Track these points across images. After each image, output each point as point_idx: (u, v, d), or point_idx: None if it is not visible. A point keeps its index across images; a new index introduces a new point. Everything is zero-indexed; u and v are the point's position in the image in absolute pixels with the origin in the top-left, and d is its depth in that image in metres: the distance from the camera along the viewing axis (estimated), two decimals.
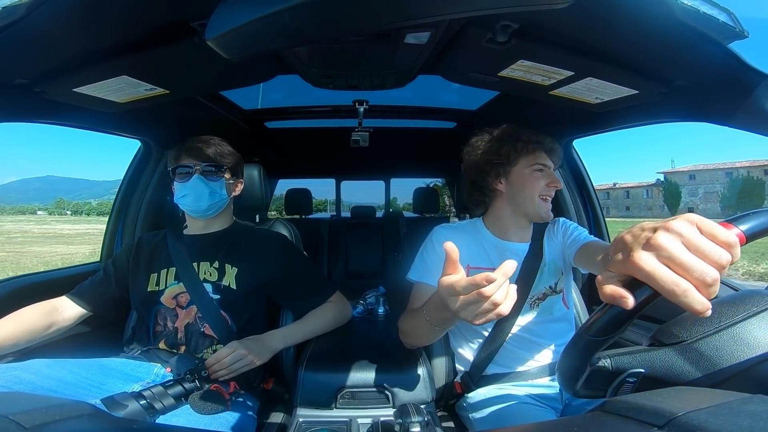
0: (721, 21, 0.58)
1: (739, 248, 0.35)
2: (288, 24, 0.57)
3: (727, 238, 0.35)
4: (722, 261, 0.34)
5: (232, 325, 0.97)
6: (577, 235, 0.96)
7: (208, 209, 1.02)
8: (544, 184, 0.95)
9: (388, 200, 3.42)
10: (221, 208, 1.06)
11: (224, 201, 1.05)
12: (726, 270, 0.35)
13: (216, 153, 1.03)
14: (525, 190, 0.96)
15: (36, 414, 0.31)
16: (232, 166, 1.06)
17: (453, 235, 0.98)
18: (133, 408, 0.72)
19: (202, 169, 1.00)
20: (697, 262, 0.34)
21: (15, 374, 0.73)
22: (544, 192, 0.95)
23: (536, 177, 0.95)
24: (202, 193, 1.00)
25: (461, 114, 1.73)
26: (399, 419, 0.63)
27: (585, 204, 1.54)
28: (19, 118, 0.96)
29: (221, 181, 1.03)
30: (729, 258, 0.34)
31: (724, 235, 0.35)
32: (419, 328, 0.78)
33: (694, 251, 0.35)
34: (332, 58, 0.98)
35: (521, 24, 0.71)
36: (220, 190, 1.03)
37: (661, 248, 0.35)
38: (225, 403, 0.80)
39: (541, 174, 0.96)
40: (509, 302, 0.53)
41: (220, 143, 1.06)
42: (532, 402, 0.86)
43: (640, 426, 0.29)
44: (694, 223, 0.36)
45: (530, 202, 0.95)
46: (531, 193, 0.95)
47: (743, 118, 0.74)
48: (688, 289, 0.34)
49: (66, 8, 0.60)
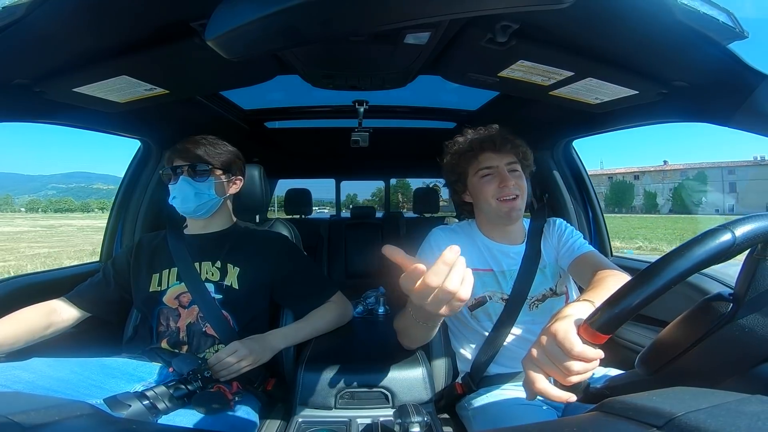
0: (721, 21, 0.58)
1: (578, 349, 0.47)
2: (288, 24, 0.57)
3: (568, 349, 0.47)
4: (561, 361, 0.48)
5: (234, 325, 0.97)
6: (571, 243, 0.96)
7: (197, 210, 1.01)
8: (495, 186, 0.92)
9: (388, 200, 3.42)
10: (213, 208, 1.04)
11: (214, 201, 1.02)
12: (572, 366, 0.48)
13: (205, 152, 1.00)
14: (480, 197, 0.95)
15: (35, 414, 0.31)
16: (224, 164, 1.03)
17: (449, 237, 0.99)
18: (136, 408, 0.71)
19: (188, 169, 0.99)
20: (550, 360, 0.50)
21: (15, 374, 0.72)
22: (498, 194, 0.92)
23: (485, 182, 0.94)
24: (188, 193, 0.98)
25: (461, 114, 1.73)
26: (398, 419, 0.63)
27: (585, 204, 1.54)
28: (19, 118, 0.96)
29: (209, 181, 1.00)
30: (563, 360, 0.48)
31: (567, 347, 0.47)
32: (409, 327, 0.80)
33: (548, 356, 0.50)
34: (332, 58, 0.98)
35: (521, 24, 0.71)
36: (208, 191, 1.00)
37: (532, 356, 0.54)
38: (228, 404, 0.79)
39: (490, 177, 0.93)
40: (466, 287, 0.53)
41: (212, 142, 1.04)
42: (532, 402, 0.86)
43: (640, 426, 0.29)
44: (551, 335, 0.50)
45: (490, 207, 0.94)
46: (487, 199, 0.94)
47: (743, 119, 0.74)
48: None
49: (66, 8, 0.60)
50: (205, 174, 1.00)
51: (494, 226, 0.99)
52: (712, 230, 0.40)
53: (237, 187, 1.10)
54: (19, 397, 0.38)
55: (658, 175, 63.68)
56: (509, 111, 1.41)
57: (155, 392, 0.75)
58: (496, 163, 0.94)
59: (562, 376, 0.49)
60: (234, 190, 1.09)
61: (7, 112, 0.90)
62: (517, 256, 0.97)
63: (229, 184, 1.07)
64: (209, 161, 1.01)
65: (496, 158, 0.94)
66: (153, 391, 0.75)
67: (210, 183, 1.00)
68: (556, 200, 1.56)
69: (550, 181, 1.57)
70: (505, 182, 0.91)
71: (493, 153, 0.95)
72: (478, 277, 0.96)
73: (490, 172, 0.94)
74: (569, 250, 0.94)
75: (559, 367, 0.49)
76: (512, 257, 0.98)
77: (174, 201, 1.00)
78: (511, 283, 0.95)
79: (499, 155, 0.95)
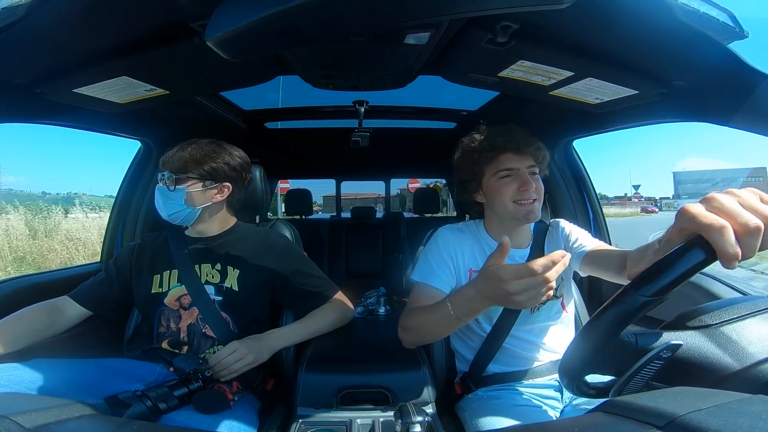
0: (721, 21, 0.58)
1: None
2: (288, 24, 0.57)
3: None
4: None
5: (233, 328, 0.97)
6: (580, 243, 0.95)
7: (172, 218, 0.99)
8: (514, 188, 0.90)
9: (389, 200, 3.42)
10: (192, 217, 1.00)
11: (186, 211, 0.98)
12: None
13: (181, 160, 0.97)
14: (496, 199, 0.93)
15: (36, 414, 0.31)
16: (206, 172, 0.98)
17: (456, 236, 0.98)
18: (138, 408, 0.71)
19: (164, 178, 0.98)
20: (743, 211, 0.38)
21: (16, 374, 0.72)
22: (517, 197, 0.90)
23: (504, 183, 0.91)
24: (159, 203, 0.99)
25: (461, 114, 1.73)
26: (399, 419, 0.63)
27: (585, 204, 1.54)
28: (19, 118, 0.96)
29: (179, 191, 0.96)
30: None
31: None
32: (435, 323, 0.79)
33: (746, 207, 0.38)
34: (332, 58, 0.98)
35: (521, 24, 0.71)
36: (178, 201, 0.97)
37: (713, 200, 0.39)
38: (228, 403, 0.80)
39: (510, 179, 0.91)
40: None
41: (199, 146, 0.99)
42: (532, 402, 0.86)
43: (641, 426, 0.29)
44: (756, 193, 0.40)
45: (506, 210, 0.92)
46: (503, 201, 0.91)
47: (743, 119, 0.74)
48: (725, 227, 0.37)
49: (66, 9, 0.60)
50: (176, 183, 0.97)
51: (505, 229, 0.97)
52: None
53: (224, 194, 1.03)
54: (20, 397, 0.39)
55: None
56: (509, 111, 1.41)
57: (156, 392, 0.75)
58: (517, 165, 0.91)
59: (749, 221, 0.37)
60: (220, 197, 1.02)
61: (7, 113, 0.90)
62: (522, 260, 0.96)
63: (212, 192, 1.01)
64: (182, 169, 0.97)
65: (517, 160, 0.91)
66: (154, 391, 0.75)
67: (180, 193, 0.97)
68: (556, 200, 1.56)
69: (550, 181, 1.57)
70: (525, 186, 0.89)
71: (515, 154, 0.92)
72: None
73: (510, 174, 0.91)
74: (579, 248, 0.94)
75: (751, 214, 0.38)
76: (517, 260, 0.97)
77: None
78: None
79: (521, 157, 0.92)
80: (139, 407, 0.72)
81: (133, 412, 0.70)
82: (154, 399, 0.74)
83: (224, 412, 0.78)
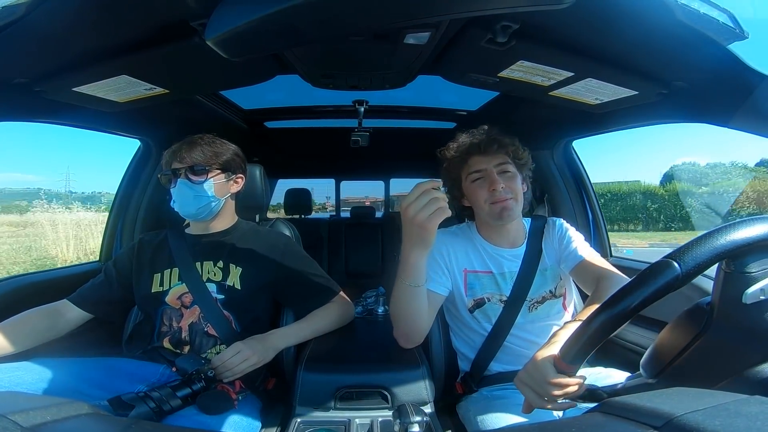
0: (721, 22, 0.58)
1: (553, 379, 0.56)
2: (288, 24, 0.57)
3: None
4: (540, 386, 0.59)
5: (235, 326, 0.97)
6: (572, 249, 0.95)
7: (198, 212, 0.99)
8: (485, 189, 0.91)
9: (388, 200, 3.42)
10: (215, 210, 1.02)
11: (215, 202, 1.01)
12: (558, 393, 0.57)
13: (202, 153, 0.98)
14: (474, 202, 0.95)
15: (34, 414, 0.31)
16: (224, 163, 1.02)
17: (450, 239, 0.99)
18: (141, 410, 0.71)
19: (186, 171, 0.97)
20: None
21: (17, 375, 0.72)
22: (489, 198, 0.91)
23: (477, 186, 0.93)
24: (188, 197, 0.97)
25: (461, 114, 1.73)
26: (398, 419, 0.63)
27: (584, 205, 1.54)
28: (19, 117, 0.96)
29: (207, 182, 0.98)
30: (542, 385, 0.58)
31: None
32: (401, 300, 0.82)
33: None
34: (332, 58, 0.98)
35: (521, 24, 0.71)
36: (207, 192, 0.98)
37: None
38: (232, 403, 0.80)
39: (481, 181, 0.93)
40: None
41: (210, 141, 1.02)
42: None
43: (639, 427, 0.29)
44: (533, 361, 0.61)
45: (483, 212, 0.94)
46: (479, 203, 0.93)
47: (743, 119, 0.74)
48: None
49: (66, 8, 0.60)
50: (204, 175, 0.98)
51: (492, 228, 0.99)
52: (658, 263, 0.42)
53: (239, 185, 1.08)
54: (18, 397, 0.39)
55: None
56: (509, 111, 1.41)
57: (159, 393, 0.75)
58: (484, 166, 0.93)
59: (540, 399, 0.58)
60: (236, 188, 1.07)
61: (7, 112, 0.90)
62: (517, 259, 0.97)
63: (230, 184, 1.05)
64: (207, 162, 0.99)
65: (484, 161, 0.93)
66: (157, 392, 0.75)
67: (209, 184, 0.99)
68: (555, 200, 1.56)
69: (550, 181, 1.57)
70: (493, 185, 0.90)
71: (481, 156, 0.93)
72: (477, 279, 0.97)
73: (481, 176, 0.93)
74: (570, 255, 0.94)
75: (537, 391, 0.58)
76: (511, 259, 0.97)
77: (175, 205, 0.99)
78: (511, 285, 0.95)
79: (487, 158, 0.93)
80: (143, 408, 0.71)
81: (136, 413, 0.70)
82: (157, 400, 0.73)
83: (229, 411, 0.78)
